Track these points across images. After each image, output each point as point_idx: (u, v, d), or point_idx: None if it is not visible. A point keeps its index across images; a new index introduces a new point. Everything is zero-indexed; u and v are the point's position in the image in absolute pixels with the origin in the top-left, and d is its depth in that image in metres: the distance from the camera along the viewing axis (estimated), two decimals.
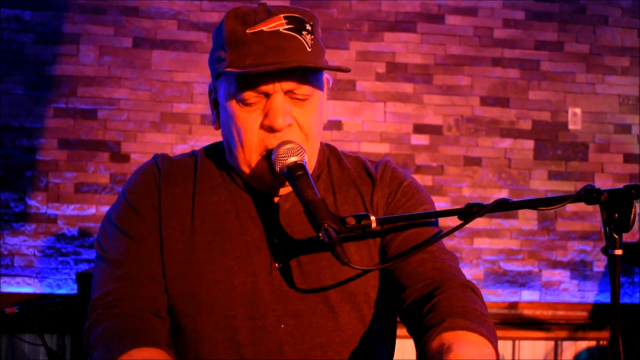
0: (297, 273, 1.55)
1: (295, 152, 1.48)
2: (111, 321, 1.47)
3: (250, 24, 1.50)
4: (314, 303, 1.55)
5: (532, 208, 1.53)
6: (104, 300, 1.51)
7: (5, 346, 4.36)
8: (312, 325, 1.55)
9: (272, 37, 1.48)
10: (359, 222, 1.46)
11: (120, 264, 1.55)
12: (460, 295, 1.44)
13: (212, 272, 1.53)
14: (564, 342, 4.75)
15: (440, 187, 4.72)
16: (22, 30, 4.47)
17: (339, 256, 1.37)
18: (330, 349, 1.56)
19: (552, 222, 4.79)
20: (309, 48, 1.51)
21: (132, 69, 4.54)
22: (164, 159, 1.66)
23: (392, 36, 4.74)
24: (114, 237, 1.59)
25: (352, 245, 1.59)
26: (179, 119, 4.56)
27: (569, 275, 4.79)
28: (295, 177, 1.46)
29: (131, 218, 1.59)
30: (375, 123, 4.70)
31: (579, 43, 4.85)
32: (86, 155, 4.49)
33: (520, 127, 4.80)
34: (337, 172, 1.68)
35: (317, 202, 1.42)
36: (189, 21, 4.60)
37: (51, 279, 4.44)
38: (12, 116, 4.45)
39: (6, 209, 4.44)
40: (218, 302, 1.52)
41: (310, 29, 1.53)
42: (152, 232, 1.57)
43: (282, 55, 1.47)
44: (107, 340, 1.43)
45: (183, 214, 1.58)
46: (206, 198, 1.60)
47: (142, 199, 1.60)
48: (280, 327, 1.53)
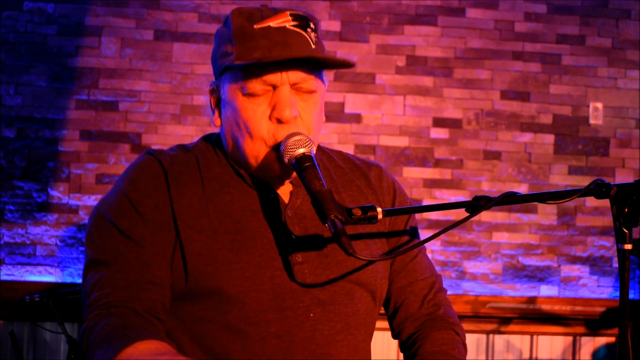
0: (317, 265, 1.62)
1: (303, 144, 1.52)
2: (111, 319, 1.46)
3: (257, 20, 1.54)
4: (332, 292, 1.62)
5: (540, 202, 1.54)
6: (102, 301, 1.50)
7: (27, 334, 4.42)
8: (335, 312, 1.61)
9: (278, 32, 1.53)
10: (365, 213, 1.48)
11: (119, 266, 1.53)
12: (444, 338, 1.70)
13: (242, 270, 1.55)
14: (583, 338, 4.73)
15: (459, 181, 4.71)
16: (45, 22, 4.52)
17: (344, 246, 1.40)
18: (349, 333, 1.63)
19: (572, 217, 4.77)
20: (313, 45, 1.57)
21: (153, 62, 4.57)
22: (163, 156, 1.65)
23: (412, 29, 4.73)
24: (111, 237, 1.57)
25: (361, 243, 1.69)
26: (198, 111, 4.59)
27: (589, 271, 4.77)
28: (303, 169, 1.49)
29: (132, 218, 1.57)
30: (394, 116, 4.70)
31: (600, 37, 4.81)
32: (107, 147, 4.53)
33: (540, 121, 4.77)
34: (334, 169, 1.77)
35: (324, 193, 1.45)
36: (210, 14, 4.62)
37: (72, 268, 4.49)
38: (35, 107, 4.50)
39: (29, 199, 4.49)
40: (249, 297, 1.54)
41: (314, 27, 1.58)
42: (155, 235, 1.56)
43: (288, 50, 1.52)
44: (109, 336, 1.42)
45: (197, 214, 1.59)
46: (218, 199, 1.62)
47: (145, 199, 1.58)
48: (310, 316, 1.58)
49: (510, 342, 4.70)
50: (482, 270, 4.69)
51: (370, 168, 1.82)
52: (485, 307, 4.63)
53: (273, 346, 1.55)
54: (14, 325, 4.38)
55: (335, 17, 4.68)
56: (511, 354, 4.70)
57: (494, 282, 4.70)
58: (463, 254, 4.71)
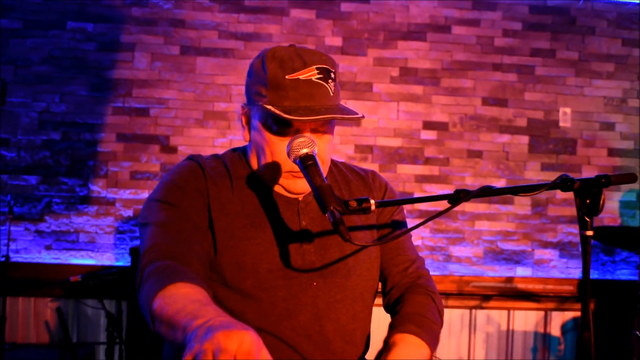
0: (321, 247, 1.71)
1: (306, 145, 1.56)
2: (161, 261, 1.50)
3: (288, 71, 1.61)
4: (335, 268, 1.70)
5: (513, 194, 1.55)
6: (155, 249, 1.55)
7: (72, 310, 4.44)
8: (335, 284, 1.69)
9: (305, 84, 1.61)
10: (360, 204, 1.50)
11: (168, 226, 1.60)
12: (421, 302, 1.74)
13: (258, 245, 1.64)
14: (553, 312, 4.73)
15: (446, 176, 4.72)
16: (85, 39, 4.54)
17: (341, 234, 1.42)
18: (347, 303, 1.70)
19: (544, 208, 4.78)
20: (331, 93, 1.64)
21: (179, 73, 4.59)
22: (201, 159, 1.76)
23: (404, 44, 4.73)
24: (162, 209, 1.64)
25: (358, 232, 1.78)
26: (219, 117, 4.60)
27: (558, 255, 4.77)
28: (306, 166, 1.54)
29: (178, 195, 1.65)
30: (389, 120, 4.71)
31: (569, 51, 4.81)
32: (140, 148, 4.55)
33: (516, 124, 4.78)
34: (340, 175, 1.87)
35: (324, 188, 1.48)
36: (228, 31, 4.63)
37: (110, 253, 4.52)
38: (77, 114, 4.52)
39: (72, 194, 4.52)
40: (262, 267, 1.62)
41: (333, 76, 1.66)
42: (193, 207, 1.64)
43: (312, 100, 1.61)
44: (157, 274, 1.46)
45: (225, 201, 1.68)
46: (242, 192, 1.71)
47: (190, 183, 1.68)
48: (313, 284, 1.66)
49: (490, 316, 4.71)
50: (465, 254, 4.70)
51: (367, 173, 1.92)
52: (468, 286, 4.64)
53: (281, 308, 1.63)
54: (60, 302, 4.41)
55: (337, 34, 4.69)
56: (491, 326, 4.71)
57: (476, 264, 4.71)
58: (449, 239, 4.72)
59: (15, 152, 4.48)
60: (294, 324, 1.63)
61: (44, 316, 4.43)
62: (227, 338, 1.10)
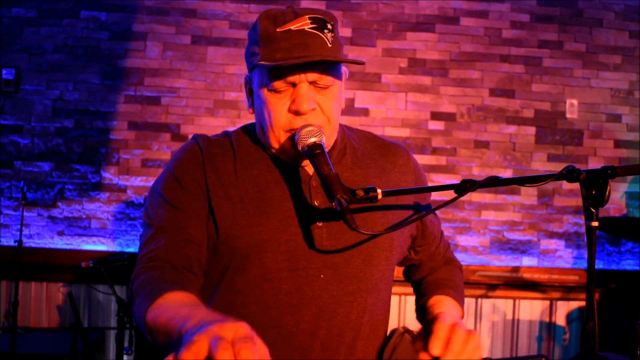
0: (335, 230, 1.57)
1: (314, 134, 1.50)
2: (150, 272, 1.48)
3: (280, 23, 1.50)
4: (350, 255, 1.57)
5: (518, 184, 1.53)
6: (146, 257, 1.52)
7: (83, 294, 4.47)
8: (347, 275, 1.56)
9: (298, 34, 1.49)
10: (367, 193, 1.47)
11: (163, 229, 1.56)
12: (449, 270, 1.86)
13: (261, 233, 1.53)
14: (558, 302, 4.72)
15: (453, 166, 4.70)
16: (98, 29, 4.53)
17: (348, 222, 1.38)
18: (359, 296, 1.58)
19: (550, 198, 4.75)
20: (329, 44, 1.52)
21: (190, 62, 4.58)
22: (204, 140, 1.66)
23: (413, 35, 4.71)
24: (159, 206, 1.59)
25: (389, 213, 1.68)
26: (229, 106, 4.60)
27: (564, 245, 4.75)
28: (314, 155, 1.48)
29: (176, 190, 1.59)
30: (397, 110, 4.69)
31: (576, 42, 4.77)
32: (151, 136, 4.56)
33: (523, 115, 4.75)
34: (361, 148, 1.72)
35: (331, 177, 1.44)
36: (239, 21, 4.61)
37: (121, 239, 4.53)
38: (89, 102, 4.53)
39: (85, 180, 4.53)
40: (266, 257, 1.53)
41: (331, 27, 1.53)
42: (193, 202, 1.57)
43: (307, 50, 1.48)
44: (146, 287, 1.45)
45: (228, 186, 1.58)
46: (248, 172, 1.61)
47: (186, 173, 1.59)
48: (320, 277, 1.55)
49: (496, 306, 4.70)
50: (472, 243, 4.69)
51: (398, 150, 1.79)
52: (474, 275, 4.63)
53: (284, 301, 1.53)
54: (72, 287, 4.43)
55: (347, 25, 4.67)
56: (497, 315, 4.70)
57: (482, 253, 4.69)
58: (456, 229, 4.70)
59: (29, 139, 4.49)
60: (297, 318, 1.54)
61: (56, 301, 4.45)
62: (222, 328, 1.09)
